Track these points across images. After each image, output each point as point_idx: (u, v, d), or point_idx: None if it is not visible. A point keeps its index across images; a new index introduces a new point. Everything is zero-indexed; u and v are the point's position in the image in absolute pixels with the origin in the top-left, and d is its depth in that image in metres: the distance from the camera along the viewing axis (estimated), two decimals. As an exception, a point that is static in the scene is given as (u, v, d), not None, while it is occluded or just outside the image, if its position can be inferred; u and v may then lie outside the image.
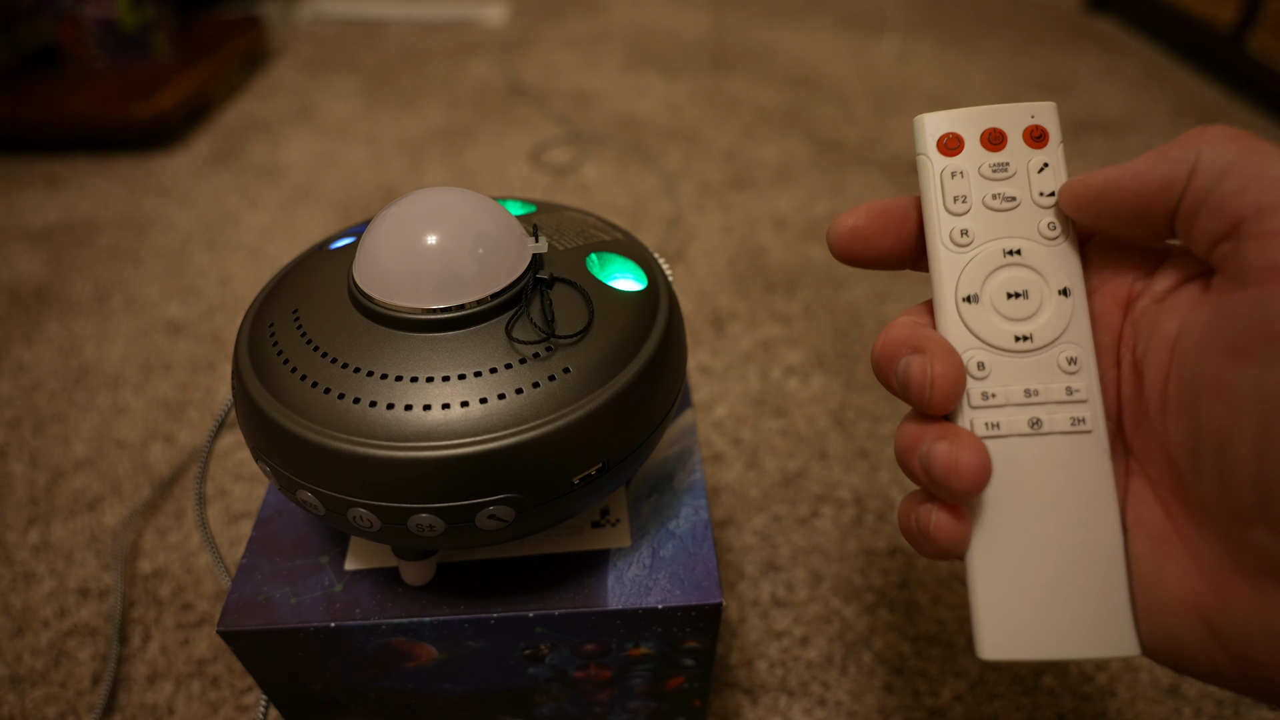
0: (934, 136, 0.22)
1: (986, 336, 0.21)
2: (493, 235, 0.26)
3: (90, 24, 0.96)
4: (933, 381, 0.20)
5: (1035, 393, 0.21)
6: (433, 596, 0.28)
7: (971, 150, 0.22)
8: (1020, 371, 0.21)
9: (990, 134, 0.22)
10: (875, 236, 0.23)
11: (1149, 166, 0.18)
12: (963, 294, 0.22)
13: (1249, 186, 0.16)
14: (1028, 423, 0.21)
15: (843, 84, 1.07)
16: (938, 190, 0.22)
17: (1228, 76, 1.06)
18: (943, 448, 0.19)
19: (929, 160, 0.22)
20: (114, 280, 0.71)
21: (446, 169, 0.88)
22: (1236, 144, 0.17)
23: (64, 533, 0.49)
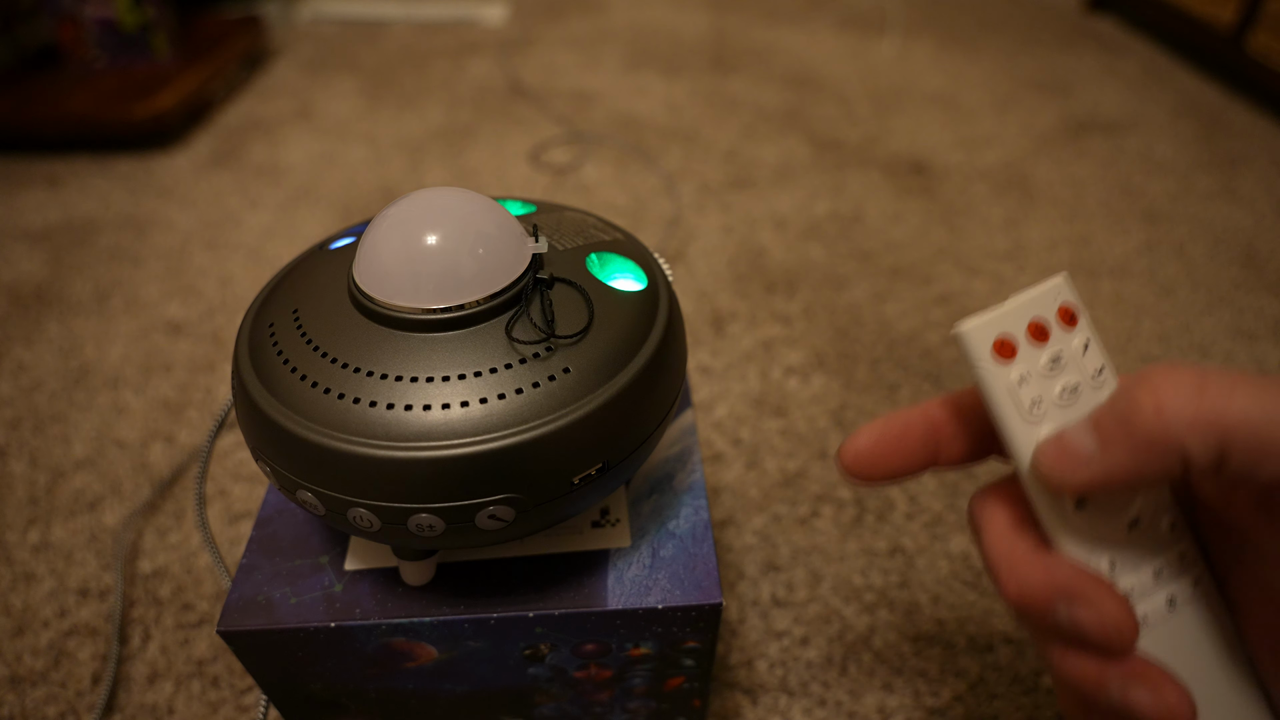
0: (986, 344, 0.20)
1: (1105, 537, 0.20)
2: (492, 235, 0.26)
3: (90, 24, 0.96)
4: (1119, 629, 0.18)
5: (1161, 572, 0.21)
6: (433, 596, 0.28)
7: (1025, 351, 0.21)
8: (1142, 556, 0.21)
9: (1034, 328, 0.21)
10: (884, 458, 0.22)
11: (1140, 466, 0.18)
12: (1074, 503, 0.20)
13: (1267, 458, 0.17)
14: (1165, 604, 0.20)
15: (843, 84, 1.07)
16: (1012, 403, 0.20)
17: (1228, 76, 1.06)
18: (1145, 696, 0.18)
19: (990, 372, 0.20)
20: (114, 280, 0.71)
21: (446, 169, 0.88)
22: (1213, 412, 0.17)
23: (64, 533, 0.49)
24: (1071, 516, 0.20)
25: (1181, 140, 0.93)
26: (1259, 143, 0.92)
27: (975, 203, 0.81)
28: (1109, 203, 0.81)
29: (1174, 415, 0.17)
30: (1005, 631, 0.43)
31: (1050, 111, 0.99)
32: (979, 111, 1.00)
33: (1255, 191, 0.83)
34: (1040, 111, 0.99)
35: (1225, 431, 0.17)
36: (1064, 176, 0.86)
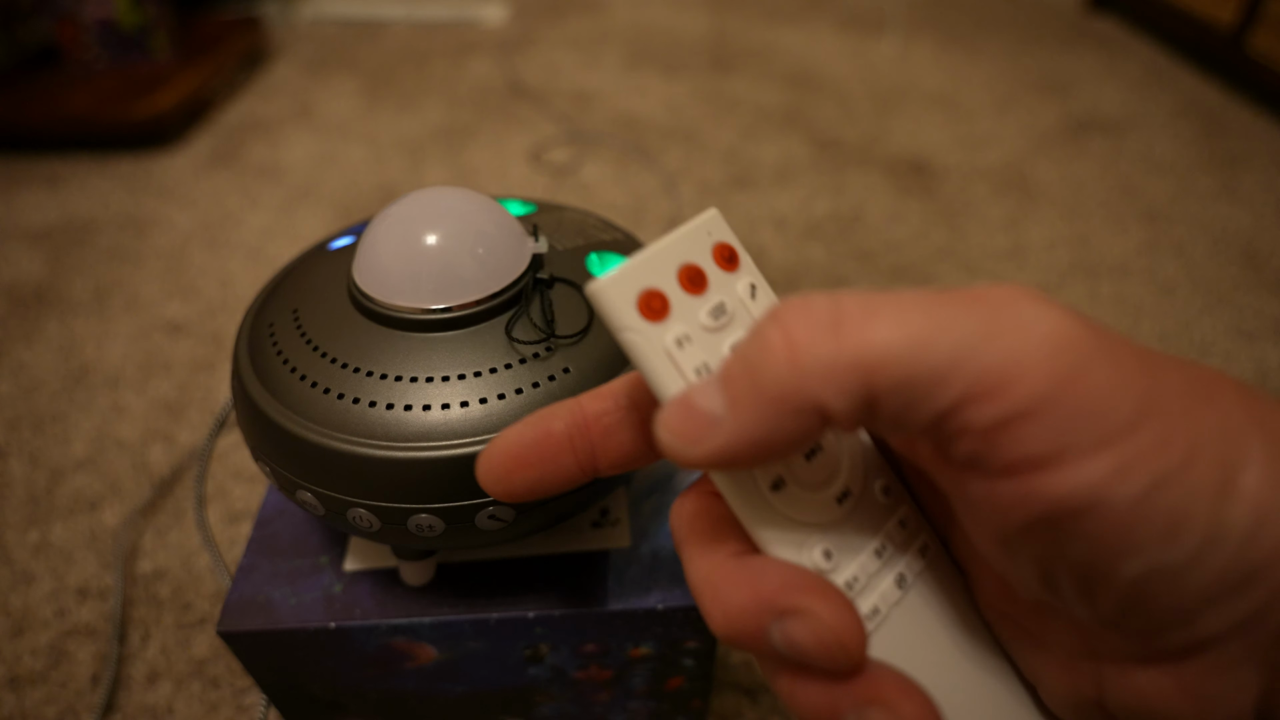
0: (629, 302, 0.16)
1: (814, 517, 0.17)
2: (492, 235, 0.26)
3: (90, 24, 0.96)
4: (840, 641, 0.15)
5: (883, 549, 0.17)
6: (433, 597, 0.28)
7: (680, 302, 0.17)
8: (859, 535, 0.17)
9: (687, 273, 0.17)
10: (520, 470, 0.19)
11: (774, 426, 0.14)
12: (768, 482, 0.17)
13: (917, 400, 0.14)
14: (895, 585, 0.17)
15: (843, 84, 1.07)
16: (674, 372, 0.16)
17: (1228, 76, 1.06)
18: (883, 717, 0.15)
19: (641, 335, 0.16)
20: (114, 280, 0.71)
21: (446, 169, 0.88)
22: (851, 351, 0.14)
23: (64, 533, 0.49)
24: (771, 501, 0.17)
25: (1181, 140, 0.93)
26: (1259, 143, 0.92)
27: (975, 202, 0.81)
28: (1109, 203, 0.81)
29: (809, 360, 0.14)
30: (1005, 631, 0.43)
31: (1050, 111, 0.99)
32: (979, 111, 1.00)
33: (1255, 191, 0.83)
34: (1040, 111, 0.99)
35: (867, 372, 0.14)
36: (1064, 176, 0.86)
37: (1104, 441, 0.13)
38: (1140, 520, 0.13)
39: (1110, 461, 0.13)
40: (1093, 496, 0.13)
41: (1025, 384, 0.13)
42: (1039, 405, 0.13)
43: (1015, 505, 0.14)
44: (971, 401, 0.13)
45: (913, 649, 0.17)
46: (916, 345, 0.13)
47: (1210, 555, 0.13)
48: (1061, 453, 0.13)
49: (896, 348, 0.13)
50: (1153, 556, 0.13)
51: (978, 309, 0.14)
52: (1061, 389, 0.13)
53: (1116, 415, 0.13)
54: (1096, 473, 0.13)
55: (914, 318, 0.14)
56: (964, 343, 0.13)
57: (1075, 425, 0.13)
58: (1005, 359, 0.13)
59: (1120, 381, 0.13)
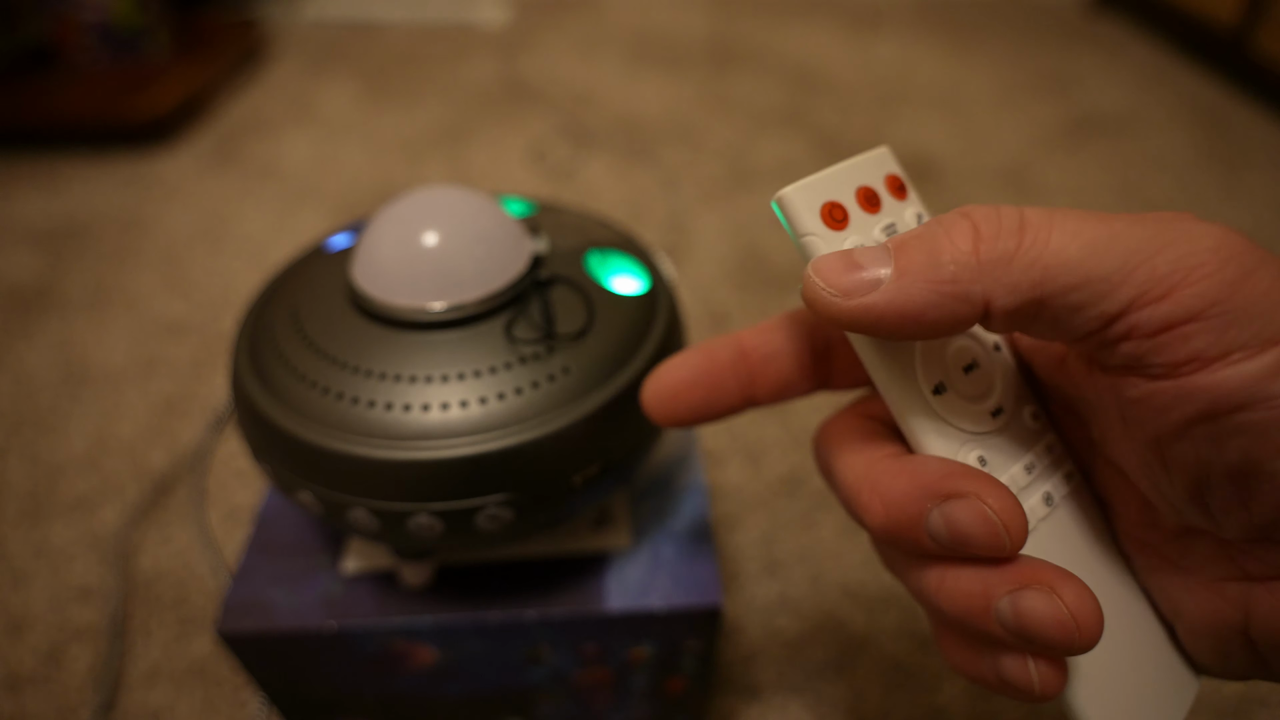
0: (814, 210, 0.17)
1: (970, 425, 0.18)
2: (492, 235, 0.26)
3: (89, 23, 0.96)
4: (1005, 523, 0.15)
5: (1033, 466, 0.18)
6: (433, 598, 0.28)
7: (858, 218, 0.18)
8: (1012, 449, 0.18)
9: (864, 194, 0.18)
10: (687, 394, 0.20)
11: (932, 303, 0.15)
12: (931, 385, 0.18)
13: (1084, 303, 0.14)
14: (1043, 501, 0.18)
15: (843, 84, 1.07)
16: None
17: (1229, 76, 1.06)
18: (1040, 602, 0.15)
19: (822, 240, 0.17)
20: (114, 280, 0.71)
21: (446, 169, 0.88)
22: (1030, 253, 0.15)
23: (64, 533, 0.49)
24: (932, 403, 0.18)
25: (1182, 140, 0.93)
26: (1259, 143, 0.92)
27: (975, 202, 0.81)
28: (1109, 202, 0.81)
29: (990, 254, 0.15)
30: (1006, 632, 0.43)
31: (1051, 111, 0.99)
32: (979, 111, 1.00)
33: (1255, 191, 0.83)
34: (1041, 111, 0.99)
35: (1044, 273, 0.14)
36: (1064, 176, 0.86)
37: (1268, 341, 0.14)
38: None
39: (1273, 358, 0.13)
40: (1254, 389, 0.14)
41: (1195, 287, 0.14)
42: (1207, 307, 0.14)
43: (1176, 403, 0.14)
44: (1143, 304, 0.14)
45: (1059, 558, 0.17)
46: (1093, 252, 0.14)
47: None
48: (1228, 351, 0.14)
49: (1074, 252, 0.14)
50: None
51: (1148, 224, 0.15)
52: (1229, 294, 0.14)
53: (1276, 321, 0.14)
54: (1259, 367, 0.14)
55: (1090, 228, 0.15)
56: (1138, 250, 0.14)
57: (1241, 325, 0.14)
58: (1176, 265, 0.14)
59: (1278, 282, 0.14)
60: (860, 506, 0.17)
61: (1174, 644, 0.19)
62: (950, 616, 0.16)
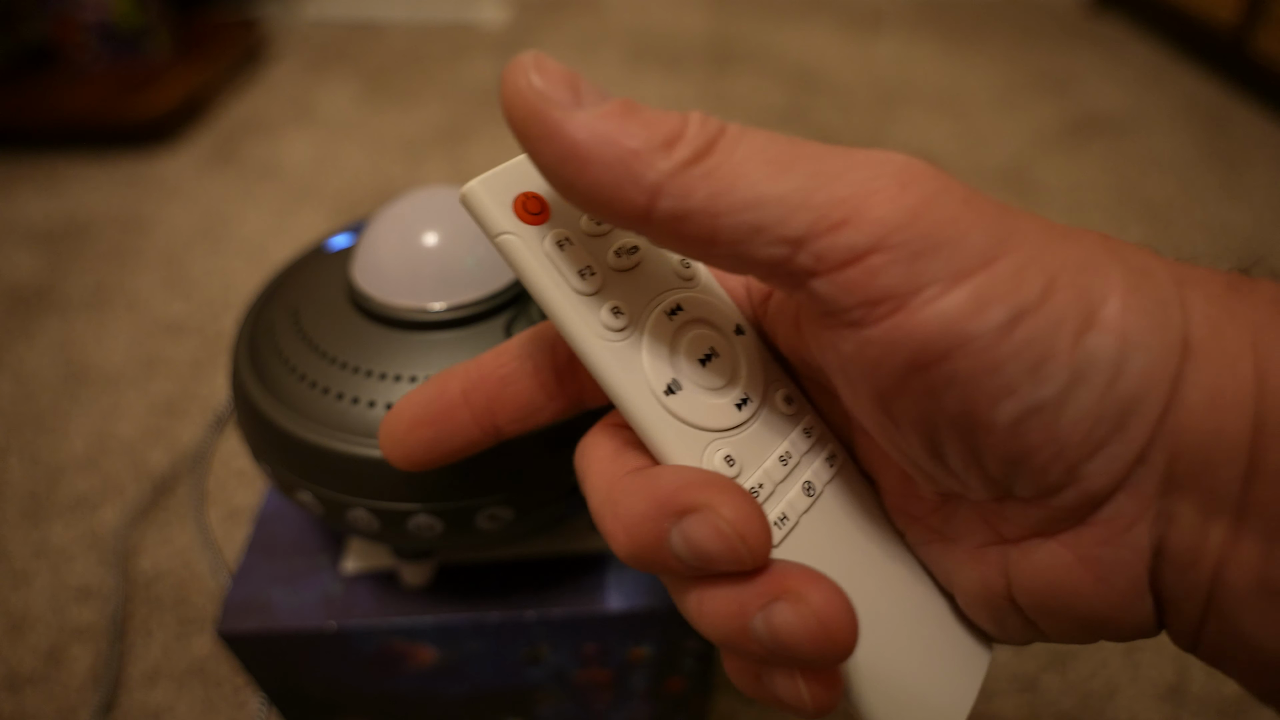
0: (505, 204, 0.16)
1: (712, 423, 0.17)
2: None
3: (89, 23, 0.96)
4: (741, 535, 0.14)
5: (789, 455, 0.17)
6: (432, 597, 0.28)
7: (558, 206, 0.16)
8: (761, 442, 0.17)
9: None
10: (425, 441, 0.18)
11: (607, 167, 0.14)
12: (660, 387, 0.16)
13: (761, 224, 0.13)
14: (803, 491, 0.17)
15: (843, 84, 1.07)
16: (554, 275, 0.16)
17: (1229, 76, 1.06)
18: (790, 614, 0.14)
19: (518, 239, 0.16)
20: (114, 280, 0.71)
21: (446, 169, 0.88)
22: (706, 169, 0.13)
23: (64, 533, 0.49)
24: (666, 404, 0.16)
25: (1181, 140, 0.93)
26: (1259, 143, 0.92)
27: (975, 202, 0.81)
28: (1109, 202, 0.81)
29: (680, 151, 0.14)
30: (1006, 632, 0.43)
31: (1050, 111, 0.99)
32: (979, 111, 0.99)
33: (1255, 191, 0.83)
34: (1040, 111, 0.99)
35: (718, 183, 0.13)
36: (1064, 176, 0.86)
37: (960, 273, 0.13)
38: (1007, 357, 0.13)
39: (967, 293, 0.13)
40: (955, 332, 0.13)
41: (875, 212, 0.13)
42: (889, 235, 0.13)
43: (884, 355, 0.13)
44: (822, 230, 0.13)
45: (825, 556, 0.17)
46: (773, 171, 0.13)
47: (1081, 389, 0.13)
48: (918, 286, 0.13)
49: (754, 169, 0.13)
50: (1024, 395, 0.13)
51: (836, 153, 0.14)
52: (911, 219, 0.13)
53: (970, 246, 0.13)
54: (955, 305, 0.13)
55: (776, 148, 0.13)
56: (818, 173, 0.13)
57: (928, 256, 0.13)
58: (856, 189, 0.13)
59: (974, 217, 0.13)
60: (606, 533, 0.15)
61: (958, 616, 0.18)
62: (715, 640, 0.15)
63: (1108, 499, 0.14)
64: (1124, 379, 0.13)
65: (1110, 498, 0.14)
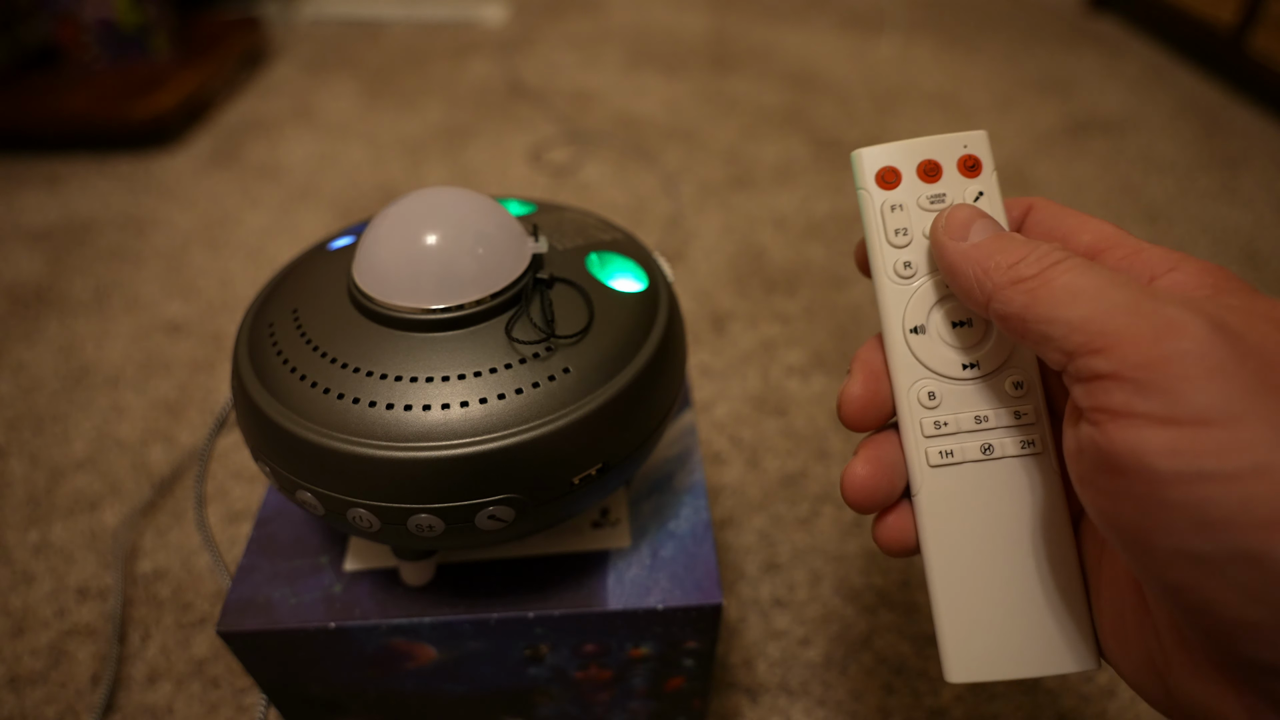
0: (872, 170, 0.22)
1: (935, 366, 0.22)
2: (492, 235, 0.26)
3: (90, 24, 0.96)
4: (841, 402, 0.22)
5: (985, 419, 0.21)
6: (433, 597, 0.28)
7: (909, 183, 0.22)
8: (969, 399, 0.22)
9: (925, 166, 0.22)
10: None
11: (965, 272, 0.19)
12: (909, 325, 0.22)
13: (1051, 335, 0.17)
14: (980, 449, 0.21)
15: (843, 84, 1.07)
16: (879, 224, 0.22)
17: (1229, 76, 1.06)
18: (852, 464, 0.22)
19: (869, 195, 0.22)
20: (114, 280, 0.71)
21: (446, 169, 0.88)
22: (1024, 294, 0.18)
23: (64, 533, 0.49)
24: (906, 340, 0.22)
25: (1181, 140, 0.93)
26: (1259, 143, 0.92)
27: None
28: (1109, 202, 0.81)
29: (1011, 273, 0.19)
30: (1005, 632, 0.43)
31: (1050, 111, 0.99)
32: (979, 111, 1.00)
33: (1255, 191, 0.83)
34: (1040, 111, 0.99)
35: (1034, 298, 0.18)
36: (1064, 176, 0.86)
37: (1167, 419, 0.15)
38: (1178, 498, 0.15)
39: (1166, 436, 0.15)
40: (1141, 460, 0.15)
41: (1121, 351, 0.16)
42: (1125, 370, 0.16)
43: (1088, 447, 0.17)
44: (1084, 353, 0.16)
45: (975, 500, 0.21)
46: (1072, 298, 0.17)
47: (1250, 568, 0.14)
48: (1130, 412, 0.15)
49: (1060, 294, 0.17)
50: (1184, 539, 0.15)
51: (1135, 293, 0.17)
52: (1147, 364, 0.15)
53: (1189, 403, 0.15)
54: (1148, 438, 0.15)
55: (1091, 281, 0.17)
56: (1106, 312, 0.16)
57: (1147, 395, 0.15)
58: (1121, 329, 0.16)
59: (1217, 384, 0.15)
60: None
61: (1090, 622, 0.21)
62: None
63: (1275, 676, 0.15)
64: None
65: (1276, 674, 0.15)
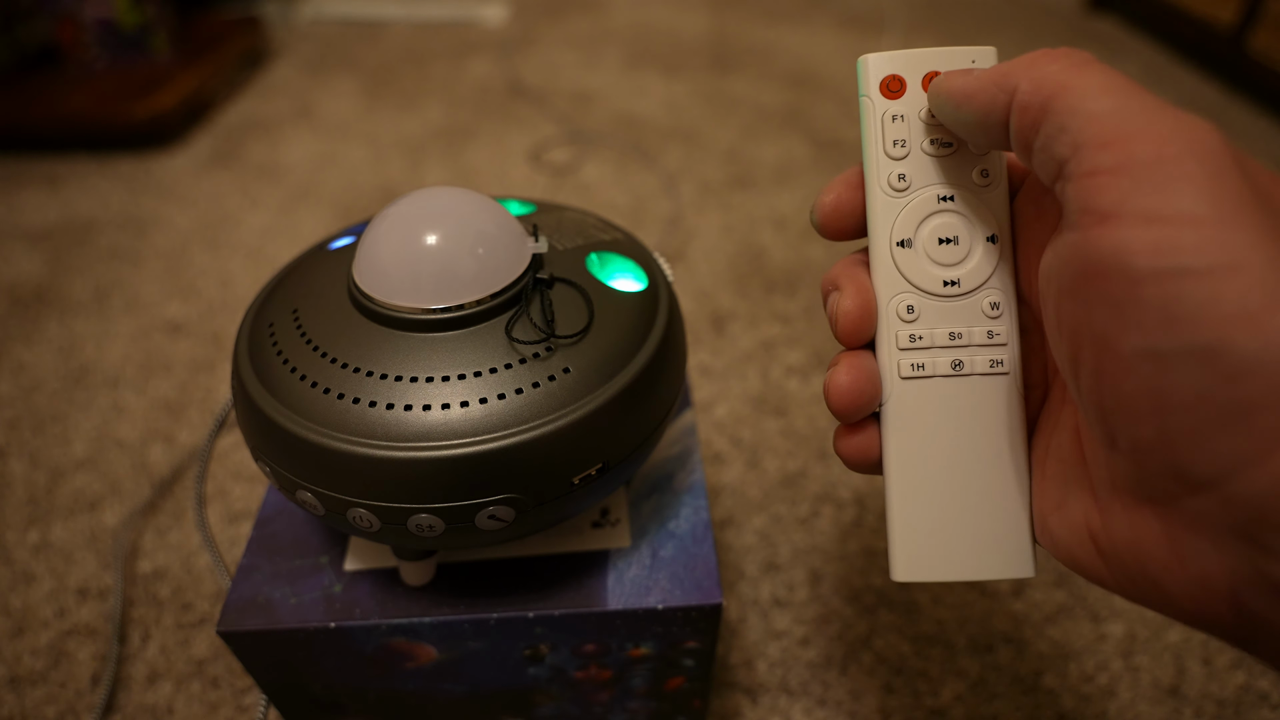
0: (877, 78, 0.21)
1: (917, 281, 0.22)
2: (492, 235, 0.26)
3: (90, 24, 0.96)
4: (836, 317, 0.22)
5: (959, 336, 0.22)
6: (433, 597, 0.28)
7: (913, 94, 0.21)
8: (947, 315, 0.22)
9: (931, 77, 0.21)
10: (856, 206, 0.23)
11: (980, 88, 0.19)
12: (897, 239, 0.22)
13: (1067, 126, 0.16)
14: (950, 364, 0.22)
15: (843, 84, 1.07)
16: (879, 133, 0.22)
17: (1228, 76, 1.06)
18: (833, 372, 0.22)
19: (871, 102, 0.22)
20: (114, 280, 0.71)
21: (446, 169, 0.88)
22: (1058, 77, 0.17)
23: (64, 533, 0.49)
24: (892, 252, 0.22)
25: (1182, 140, 0.93)
26: (1259, 143, 0.92)
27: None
28: (1109, 203, 0.81)
29: (1045, 61, 0.17)
30: (1005, 631, 0.43)
31: (1050, 111, 0.99)
32: (979, 111, 1.00)
33: (1255, 191, 0.83)
34: (1040, 111, 0.99)
35: (1064, 86, 0.17)
36: (1064, 176, 0.86)
37: (1156, 218, 0.14)
38: (1151, 299, 0.14)
39: (1151, 234, 0.14)
40: (1121, 257, 0.15)
41: (1132, 148, 0.15)
42: (1128, 166, 0.15)
43: (1072, 256, 0.16)
44: (1093, 145, 0.16)
45: (939, 413, 0.22)
46: (1101, 90, 0.16)
47: (1204, 366, 0.14)
48: (1120, 211, 0.15)
49: (1089, 87, 0.16)
50: (1149, 337, 0.14)
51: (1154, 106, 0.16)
52: (1154, 163, 0.15)
53: (1179, 202, 0.14)
54: (1133, 238, 0.15)
55: (1120, 80, 0.16)
56: (1127, 107, 0.16)
57: (1142, 194, 0.15)
58: (1137, 129, 0.15)
59: (1214, 189, 0.14)
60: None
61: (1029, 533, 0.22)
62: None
63: (1203, 490, 0.14)
64: (1252, 379, 0.13)
65: (1205, 490, 0.14)
